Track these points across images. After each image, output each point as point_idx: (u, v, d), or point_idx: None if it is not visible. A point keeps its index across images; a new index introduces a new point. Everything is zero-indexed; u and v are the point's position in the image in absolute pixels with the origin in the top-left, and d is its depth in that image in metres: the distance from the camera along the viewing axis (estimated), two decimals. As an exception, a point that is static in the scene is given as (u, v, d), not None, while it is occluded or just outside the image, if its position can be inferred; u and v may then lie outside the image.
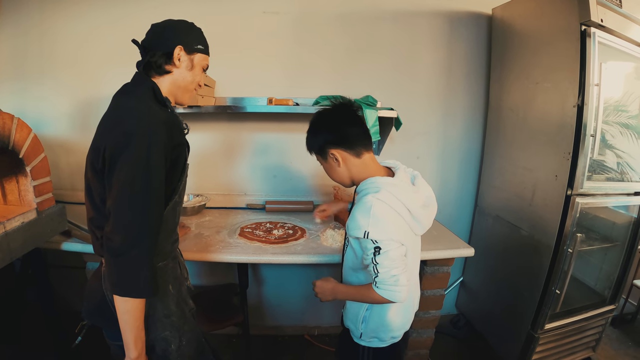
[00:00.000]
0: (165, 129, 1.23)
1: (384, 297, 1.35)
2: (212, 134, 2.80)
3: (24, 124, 1.63)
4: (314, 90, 2.65)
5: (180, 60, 1.36)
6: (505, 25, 2.65)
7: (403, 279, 1.34)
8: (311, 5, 2.67)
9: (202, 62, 1.44)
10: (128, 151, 1.15)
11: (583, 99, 2.05)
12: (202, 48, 1.42)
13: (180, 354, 1.42)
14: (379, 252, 1.33)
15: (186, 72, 1.39)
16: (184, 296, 1.53)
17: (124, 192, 1.16)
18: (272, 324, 3.16)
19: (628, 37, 2.17)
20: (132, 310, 1.19)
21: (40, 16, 2.55)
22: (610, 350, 2.97)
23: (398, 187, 1.39)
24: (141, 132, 1.17)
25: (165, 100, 1.36)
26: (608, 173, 2.39)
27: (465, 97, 2.96)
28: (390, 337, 1.60)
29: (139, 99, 1.28)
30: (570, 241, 2.23)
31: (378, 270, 1.34)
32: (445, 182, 3.10)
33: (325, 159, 1.51)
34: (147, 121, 1.19)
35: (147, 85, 1.32)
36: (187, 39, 1.37)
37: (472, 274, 3.21)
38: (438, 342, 2.54)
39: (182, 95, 1.44)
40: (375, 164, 1.51)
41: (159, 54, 1.33)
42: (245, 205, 2.84)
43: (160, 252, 1.37)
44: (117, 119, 1.23)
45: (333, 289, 1.58)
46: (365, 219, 1.33)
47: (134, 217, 1.16)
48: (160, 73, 1.36)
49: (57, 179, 2.61)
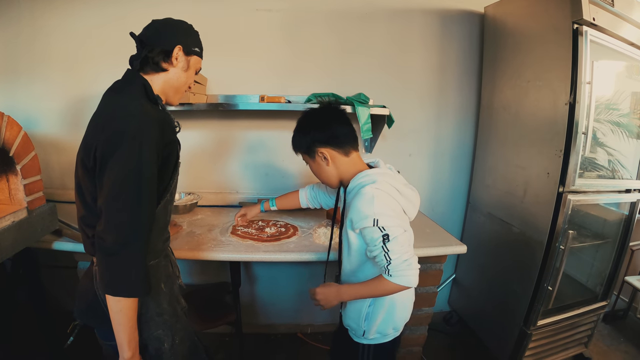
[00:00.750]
0: (157, 127, 1.22)
1: (399, 284, 1.37)
2: (204, 131, 2.79)
3: (14, 122, 1.62)
4: (307, 88, 2.65)
5: (178, 60, 1.36)
6: (497, 24, 2.66)
7: (415, 262, 1.37)
8: (304, 3, 2.66)
9: (197, 65, 1.46)
10: (120, 150, 1.14)
11: (575, 97, 2.06)
12: (198, 51, 1.44)
13: (173, 352, 1.41)
14: (388, 238, 1.35)
15: (181, 72, 1.40)
16: (176, 294, 1.52)
17: (115, 191, 1.14)
18: (265, 323, 3.15)
19: (620, 36, 2.19)
20: (125, 309, 1.18)
21: (31, 13, 2.52)
22: (602, 346, 2.99)
23: (388, 176, 1.45)
24: (133, 130, 1.16)
25: (156, 98, 1.35)
26: (599, 170, 2.41)
27: (458, 95, 2.96)
28: (393, 329, 1.61)
29: (130, 96, 1.27)
30: (562, 238, 2.24)
31: (390, 257, 1.35)
32: (437, 180, 3.11)
33: (313, 158, 1.53)
34: (139, 119, 1.18)
35: (139, 83, 1.31)
36: (186, 40, 1.38)
37: (464, 271, 3.22)
38: (431, 339, 2.54)
39: (173, 95, 1.44)
40: (361, 161, 1.55)
41: (158, 50, 1.33)
42: (238, 204, 2.83)
43: (152, 250, 1.36)
44: (108, 117, 1.21)
45: (337, 291, 1.54)
46: (371, 209, 1.35)
47: (125, 217, 1.15)
48: (156, 70, 1.35)
49: (48, 178, 2.58)
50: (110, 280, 1.17)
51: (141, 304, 1.31)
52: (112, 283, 1.17)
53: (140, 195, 1.17)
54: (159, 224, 1.36)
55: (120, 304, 1.17)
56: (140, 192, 1.17)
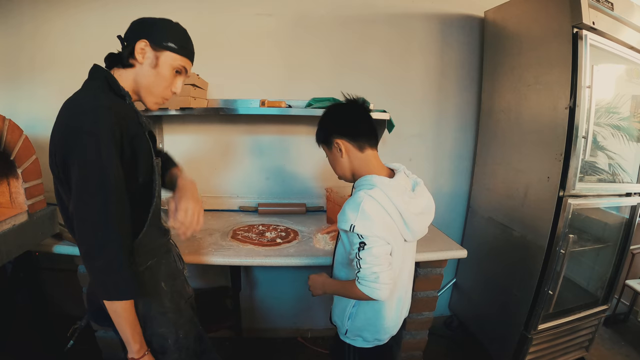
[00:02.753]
0: (117, 120, 1.14)
1: (364, 293, 1.36)
2: (204, 136, 2.79)
3: (15, 126, 1.62)
4: (307, 93, 2.64)
5: (144, 56, 1.27)
6: (497, 28, 2.67)
7: (384, 277, 1.34)
8: (304, 8, 2.67)
9: (171, 62, 1.31)
10: (77, 148, 1.09)
11: (575, 101, 2.07)
12: (173, 47, 1.30)
13: (178, 346, 1.40)
14: (363, 247, 1.34)
15: (149, 69, 1.29)
16: (178, 288, 1.49)
17: (78, 193, 1.10)
18: (265, 327, 3.14)
19: (619, 40, 2.19)
20: (120, 311, 1.17)
21: (32, 15, 2.52)
22: (603, 350, 2.99)
23: (393, 189, 1.39)
24: (88, 125, 1.09)
25: (122, 91, 1.28)
26: (600, 174, 2.41)
27: (458, 99, 2.97)
28: (375, 339, 1.61)
29: (87, 91, 1.23)
30: (562, 242, 2.24)
31: (360, 265, 1.35)
32: (437, 184, 3.11)
33: (330, 149, 1.55)
34: (96, 113, 1.11)
35: (100, 76, 1.26)
36: (156, 34, 1.28)
37: (465, 276, 3.21)
38: (431, 344, 2.54)
39: (145, 95, 1.35)
40: (378, 162, 1.54)
41: (126, 46, 1.28)
42: (238, 208, 2.83)
43: (148, 251, 1.35)
44: (62, 116, 1.16)
45: (323, 282, 1.63)
46: (354, 213, 1.34)
47: (93, 224, 1.10)
48: (124, 65, 1.29)
49: (49, 182, 2.55)
50: (96, 286, 1.16)
51: (143, 303, 1.31)
52: (98, 288, 1.16)
53: (105, 195, 1.10)
54: (152, 223, 1.34)
55: (114, 306, 1.17)
56: (105, 191, 1.10)
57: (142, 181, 1.29)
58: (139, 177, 1.27)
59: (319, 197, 2.91)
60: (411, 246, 1.59)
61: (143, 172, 1.29)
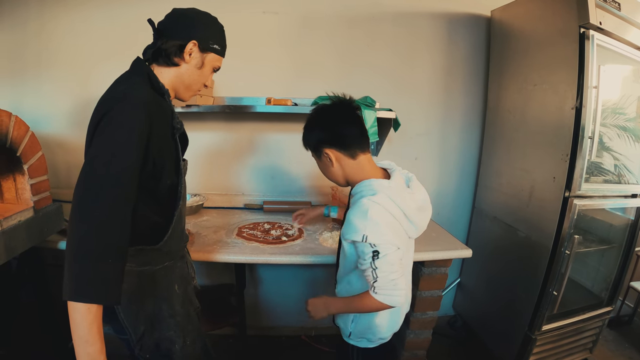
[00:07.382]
0: (148, 114, 1.13)
1: (383, 303, 1.32)
2: (210, 133, 2.79)
3: (21, 122, 1.63)
4: (313, 91, 2.63)
5: (192, 57, 1.29)
6: (503, 28, 2.66)
7: (401, 283, 1.32)
8: (311, 6, 2.67)
9: (214, 63, 1.37)
10: (100, 130, 1.07)
11: (581, 101, 2.06)
12: (218, 49, 1.36)
13: (184, 353, 1.40)
14: (378, 256, 1.29)
15: (194, 69, 1.32)
16: (189, 296, 1.50)
17: (83, 173, 1.04)
18: (269, 325, 3.15)
19: (626, 40, 2.18)
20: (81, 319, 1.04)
21: (38, 11, 2.53)
22: (607, 352, 2.98)
23: (394, 190, 1.36)
24: (116, 111, 1.08)
25: (162, 88, 1.28)
26: (605, 175, 2.40)
27: (464, 98, 2.96)
28: (379, 339, 1.60)
29: (129, 83, 1.21)
30: (567, 243, 2.24)
31: (377, 275, 1.30)
32: (443, 184, 3.11)
33: (319, 158, 1.48)
34: (128, 102, 1.11)
35: (143, 73, 1.26)
36: (204, 35, 1.30)
37: (469, 275, 3.21)
38: (435, 343, 2.53)
39: (183, 91, 1.37)
40: (372, 165, 1.47)
41: (171, 43, 1.26)
42: (243, 206, 2.83)
43: (167, 252, 1.35)
44: (101, 104, 1.14)
45: (325, 303, 1.56)
46: (363, 223, 1.30)
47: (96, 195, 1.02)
48: (167, 64, 1.29)
49: (54, 178, 2.59)
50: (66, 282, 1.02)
51: (154, 305, 1.31)
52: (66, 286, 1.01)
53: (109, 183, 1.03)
54: (175, 228, 1.33)
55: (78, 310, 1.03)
56: (109, 180, 1.03)
57: (167, 182, 1.27)
58: (164, 178, 1.25)
59: (324, 195, 2.91)
60: (412, 243, 1.57)
61: (168, 173, 1.27)
